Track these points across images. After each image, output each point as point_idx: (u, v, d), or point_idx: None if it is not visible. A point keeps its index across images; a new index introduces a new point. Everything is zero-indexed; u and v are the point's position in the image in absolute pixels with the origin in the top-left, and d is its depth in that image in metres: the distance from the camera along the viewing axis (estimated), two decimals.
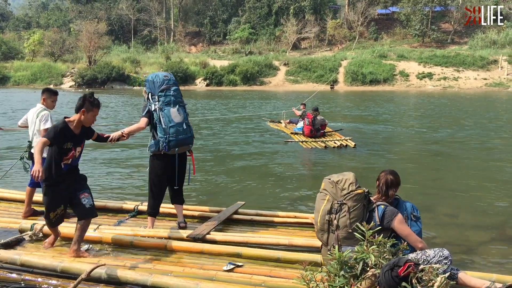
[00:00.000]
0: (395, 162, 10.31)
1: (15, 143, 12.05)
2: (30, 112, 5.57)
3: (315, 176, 8.92)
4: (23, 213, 5.49)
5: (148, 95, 4.90)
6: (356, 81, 48.65)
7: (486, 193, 7.48)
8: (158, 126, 4.79)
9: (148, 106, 4.86)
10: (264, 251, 4.24)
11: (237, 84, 49.76)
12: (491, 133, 15.20)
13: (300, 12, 64.20)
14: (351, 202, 3.58)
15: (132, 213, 5.57)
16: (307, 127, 12.84)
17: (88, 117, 4.21)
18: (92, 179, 7.85)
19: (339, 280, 2.87)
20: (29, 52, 60.05)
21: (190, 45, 71.22)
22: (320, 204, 3.72)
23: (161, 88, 4.85)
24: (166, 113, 4.80)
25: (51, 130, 4.12)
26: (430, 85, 47.43)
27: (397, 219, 3.62)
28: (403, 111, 23.97)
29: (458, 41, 60.63)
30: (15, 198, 6.15)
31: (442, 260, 3.48)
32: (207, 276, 3.80)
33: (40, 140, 4.09)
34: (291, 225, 5.26)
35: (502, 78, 47.26)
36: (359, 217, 3.59)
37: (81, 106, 4.15)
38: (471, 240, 5.34)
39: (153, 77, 4.93)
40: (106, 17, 67.37)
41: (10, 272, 3.96)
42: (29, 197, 5.51)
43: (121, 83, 49.96)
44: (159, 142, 4.78)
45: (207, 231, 4.67)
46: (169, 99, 4.88)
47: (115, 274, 3.65)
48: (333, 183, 3.66)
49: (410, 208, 3.79)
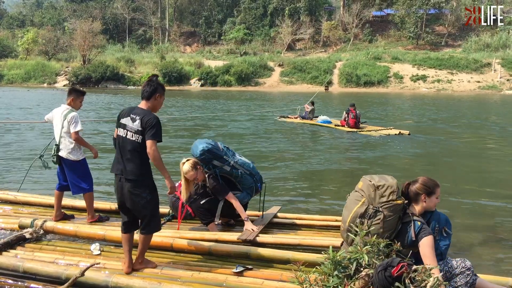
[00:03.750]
0: (389, 163, 10.27)
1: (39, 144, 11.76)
2: (56, 113, 5.32)
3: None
4: (53, 217, 5.31)
5: (212, 164, 4.89)
6: (350, 82, 48.78)
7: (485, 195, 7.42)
8: (243, 177, 4.98)
9: (222, 171, 4.92)
10: (275, 251, 4.14)
11: (232, 85, 49.78)
12: (484, 133, 15.26)
13: (295, 13, 64.32)
14: (388, 212, 3.40)
15: (168, 217, 5.48)
16: (352, 120, 15.42)
17: (160, 101, 4.02)
18: None
19: (332, 280, 2.85)
20: (23, 50, 59.76)
21: (185, 45, 71.13)
22: (353, 204, 3.53)
23: (221, 148, 4.96)
24: (240, 161, 5.03)
25: (159, 129, 3.78)
26: (424, 88, 47.64)
27: (428, 239, 3.36)
28: (398, 113, 24.00)
29: (452, 43, 60.96)
30: (41, 202, 6.01)
31: (465, 272, 3.42)
32: (216, 281, 3.72)
33: (153, 148, 3.71)
34: (332, 228, 5.12)
35: (495, 81, 47.58)
36: (392, 227, 3.44)
37: (154, 91, 3.95)
38: (473, 243, 5.32)
39: (206, 146, 4.84)
40: (101, 16, 67.21)
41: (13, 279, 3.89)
42: (58, 200, 5.37)
43: (116, 82, 49.85)
44: (252, 188, 5.06)
45: (255, 234, 4.60)
46: (231, 152, 5.07)
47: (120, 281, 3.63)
48: (374, 186, 3.46)
49: (444, 221, 3.59)
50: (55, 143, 5.29)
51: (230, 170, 4.92)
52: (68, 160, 5.24)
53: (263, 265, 4.06)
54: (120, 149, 3.86)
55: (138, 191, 3.79)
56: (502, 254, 5.02)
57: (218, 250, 4.27)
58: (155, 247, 4.38)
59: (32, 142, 12.59)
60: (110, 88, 46.75)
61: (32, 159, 9.79)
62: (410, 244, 3.40)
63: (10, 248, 4.40)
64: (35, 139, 13.22)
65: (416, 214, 3.54)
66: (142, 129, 3.75)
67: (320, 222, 5.26)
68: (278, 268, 3.96)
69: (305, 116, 18.34)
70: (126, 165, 3.79)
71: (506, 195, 7.61)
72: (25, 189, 6.62)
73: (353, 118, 15.46)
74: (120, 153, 3.84)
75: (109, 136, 13.88)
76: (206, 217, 4.95)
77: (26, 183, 6.79)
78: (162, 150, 11.51)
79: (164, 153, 11.05)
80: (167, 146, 11.68)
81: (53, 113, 5.35)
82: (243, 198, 5.02)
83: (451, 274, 3.43)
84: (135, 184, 3.78)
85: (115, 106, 26.25)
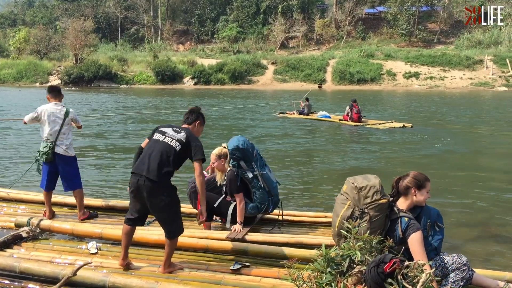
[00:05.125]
0: (379, 160, 10.34)
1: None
2: (49, 111, 5.29)
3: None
4: (79, 216, 5.40)
5: (238, 163, 4.84)
6: (343, 80, 48.90)
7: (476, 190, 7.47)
8: (260, 190, 4.85)
9: (244, 175, 4.84)
10: (273, 248, 4.15)
11: (225, 83, 49.72)
12: (479, 126, 15.42)
13: (288, 11, 64.35)
14: (374, 212, 3.41)
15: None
16: (355, 114, 16.57)
17: (199, 129, 4.26)
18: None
19: (325, 277, 2.86)
20: (14, 49, 59.32)
21: (178, 44, 70.91)
22: (340, 208, 3.54)
23: (254, 154, 4.88)
24: (265, 176, 4.90)
25: (202, 149, 3.90)
26: (416, 85, 47.85)
27: (416, 235, 3.36)
28: (393, 109, 24.10)
29: (444, 41, 61.25)
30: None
31: (461, 267, 3.44)
32: (214, 280, 3.72)
33: (200, 170, 3.83)
34: (322, 225, 5.13)
35: (488, 78, 47.86)
36: (380, 226, 3.45)
37: (196, 118, 4.19)
38: (466, 238, 5.36)
39: (241, 144, 4.81)
40: (93, 15, 66.86)
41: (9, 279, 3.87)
42: (49, 199, 5.40)
43: (108, 81, 49.61)
44: (264, 205, 4.88)
45: (244, 232, 4.61)
46: (262, 162, 4.98)
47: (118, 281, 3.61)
48: (357, 188, 3.47)
49: (435, 215, 3.58)
50: (50, 140, 5.27)
51: (251, 178, 4.83)
52: (65, 156, 5.32)
53: (260, 263, 4.07)
54: (150, 149, 3.85)
55: (157, 192, 3.74)
56: (495, 249, 5.06)
57: (215, 247, 4.28)
58: (153, 244, 4.42)
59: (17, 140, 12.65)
60: (103, 87, 46.50)
61: (19, 156, 9.92)
62: (399, 242, 3.41)
63: (6, 247, 4.41)
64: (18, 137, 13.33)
65: (403, 210, 3.54)
66: (185, 142, 3.85)
67: (309, 219, 5.29)
68: (276, 266, 3.98)
69: (302, 111, 19.29)
70: (150, 165, 3.73)
71: (497, 188, 7.67)
72: (17, 186, 6.69)
73: (356, 112, 16.59)
74: (149, 154, 3.81)
75: (102, 134, 13.91)
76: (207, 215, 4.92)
77: (18, 182, 6.87)
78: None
79: None
80: None
81: (44, 112, 5.29)
82: (252, 207, 4.90)
83: (447, 269, 3.45)
84: (154, 185, 3.71)
85: (113, 104, 26.16)
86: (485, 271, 3.79)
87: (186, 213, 5.35)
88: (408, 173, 3.63)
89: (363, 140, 13.54)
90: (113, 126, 16.49)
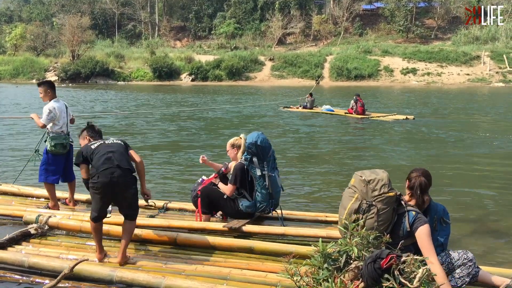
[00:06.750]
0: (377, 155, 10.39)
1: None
2: (60, 106, 5.58)
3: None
4: (52, 207, 5.60)
5: (250, 157, 4.86)
6: (341, 76, 48.82)
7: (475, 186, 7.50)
8: (261, 191, 4.87)
9: (252, 171, 4.86)
10: (279, 245, 4.20)
11: (223, 79, 49.59)
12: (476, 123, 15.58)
13: (286, 7, 64.13)
14: (381, 205, 3.43)
15: (162, 210, 5.61)
16: (360, 108, 17.62)
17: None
18: None
19: (322, 273, 2.88)
20: (11, 46, 59.02)
21: (175, 40, 70.65)
22: (347, 201, 3.55)
23: (269, 154, 4.89)
24: (272, 178, 4.90)
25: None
26: (414, 81, 47.84)
27: (424, 228, 3.40)
28: (389, 103, 24.14)
29: (441, 37, 61.17)
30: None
31: (467, 263, 3.47)
32: (220, 275, 3.76)
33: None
34: (322, 223, 5.19)
35: (485, 74, 47.88)
36: (387, 220, 3.47)
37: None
38: (470, 235, 5.37)
39: (260, 141, 4.83)
40: (90, 11, 66.50)
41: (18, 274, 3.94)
42: (54, 192, 5.65)
43: (105, 78, 49.41)
44: (263, 205, 4.91)
45: (242, 224, 4.69)
46: (274, 164, 4.99)
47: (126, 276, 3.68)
48: (365, 181, 3.49)
49: (441, 211, 3.63)
50: (65, 132, 5.57)
51: (258, 176, 4.86)
52: (72, 146, 5.69)
53: (266, 258, 4.12)
54: (107, 149, 4.17)
55: (130, 182, 4.09)
56: (501, 246, 5.06)
57: (222, 245, 4.33)
58: (158, 241, 4.47)
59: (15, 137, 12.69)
60: (100, 84, 46.29)
61: (17, 151, 9.93)
62: (406, 235, 3.44)
63: (15, 243, 4.46)
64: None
65: (411, 204, 3.59)
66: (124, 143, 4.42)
67: (310, 218, 5.34)
68: (282, 261, 4.01)
69: (306, 106, 20.26)
70: (118, 157, 4.09)
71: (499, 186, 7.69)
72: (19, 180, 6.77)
73: (361, 106, 17.65)
74: (109, 151, 4.13)
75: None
76: (206, 208, 4.99)
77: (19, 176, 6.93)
78: (169, 147, 11.60)
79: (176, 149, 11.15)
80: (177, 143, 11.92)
81: (57, 109, 5.52)
82: (248, 205, 4.94)
83: (453, 265, 3.48)
84: (128, 174, 4.06)
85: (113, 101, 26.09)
86: (491, 268, 3.79)
87: (188, 209, 5.60)
88: (420, 172, 3.68)
89: (370, 134, 14.27)
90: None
